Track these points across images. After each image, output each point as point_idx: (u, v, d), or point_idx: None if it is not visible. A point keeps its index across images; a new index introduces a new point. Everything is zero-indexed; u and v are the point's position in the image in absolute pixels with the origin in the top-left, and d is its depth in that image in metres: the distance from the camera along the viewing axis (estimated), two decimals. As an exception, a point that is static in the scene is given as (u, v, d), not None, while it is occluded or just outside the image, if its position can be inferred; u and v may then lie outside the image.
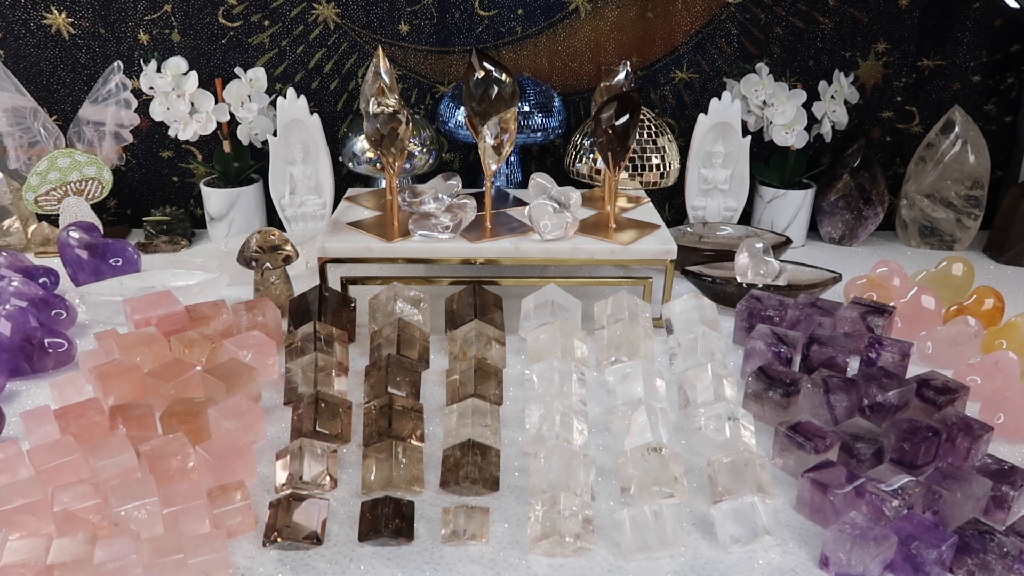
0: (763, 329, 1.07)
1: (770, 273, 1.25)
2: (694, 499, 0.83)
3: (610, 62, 1.53)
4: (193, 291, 1.25)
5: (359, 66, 1.52)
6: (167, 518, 0.74)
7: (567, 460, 0.81)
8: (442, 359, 1.09)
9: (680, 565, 0.74)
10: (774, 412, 0.97)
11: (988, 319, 1.19)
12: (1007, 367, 1.03)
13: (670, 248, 1.15)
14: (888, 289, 1.26)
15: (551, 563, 0.74)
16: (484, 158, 1.10)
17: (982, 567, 0.72)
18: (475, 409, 0.89)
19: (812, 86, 1.53)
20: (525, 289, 1.14)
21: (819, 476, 0.80)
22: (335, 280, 1.17)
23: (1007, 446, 0.95)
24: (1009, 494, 0.79)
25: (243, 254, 1.20)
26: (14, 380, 1.05)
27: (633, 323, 1.05)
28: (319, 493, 0.81)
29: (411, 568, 0.73)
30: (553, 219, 1.13)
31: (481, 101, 1.06)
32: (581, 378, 0.97)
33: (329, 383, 0.96)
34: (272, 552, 0.75)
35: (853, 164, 1.55)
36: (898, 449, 0.87)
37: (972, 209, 1.55)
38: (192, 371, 0.96)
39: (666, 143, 1.39)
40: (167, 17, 1.46)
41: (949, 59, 1.56)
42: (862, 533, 0.71)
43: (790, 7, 1.51)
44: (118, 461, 0.82)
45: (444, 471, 0.84)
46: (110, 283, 1.29)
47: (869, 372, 0.98)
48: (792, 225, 1.56)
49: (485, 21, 1.50)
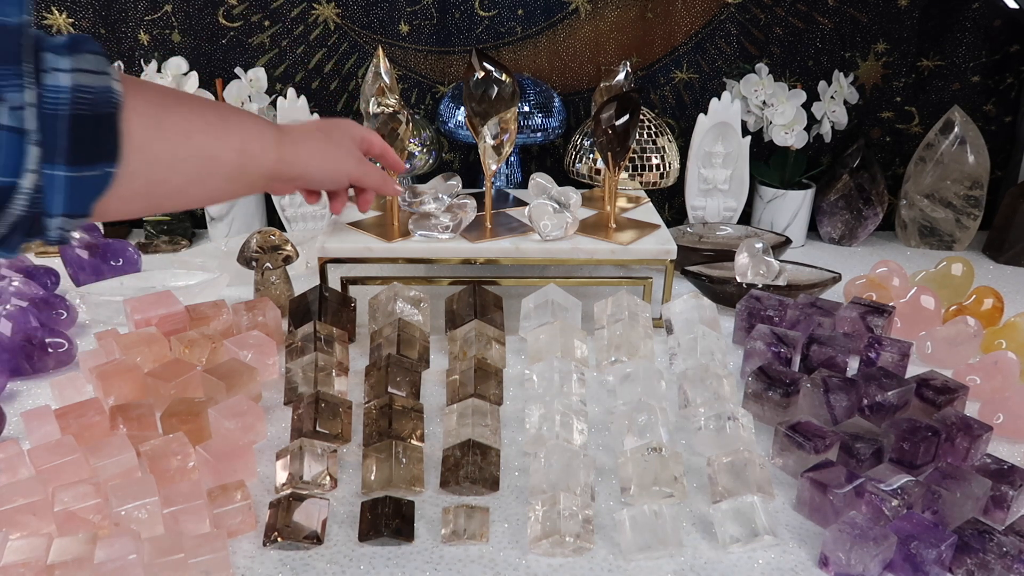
0: (763, 329, 1.07)
1: (770, 273, 1.25)
2: (694, 499, 0.83)
3: (610, 62, 1.53)
4: (193, 291, 1.25)
5: (359, 66, 1.52)
6: (167, 518, 0.74)
7: (567, 460, 0.81)
8: (442, 359, 1.09)
9: (680, 565, 0.74)
10: (774, 412, 0.97)
11: (987, 319, 1.19)
12: (1006, 367, 1.03)
13: (670, 248, 1.15)
14: (888, 289, 1.26)
15: (551, 563, 0.74)
16: (484, 158, 1.10)
17: (981, 567, 0.72)
18: (475, 409, 0.89)
19: (812, 86, 1.53)
20: (525, 289, 1.14)
21: (819, 476, 0.80)
22: (335, 280, 1.17)
23: (1006, 446, 0.95)
24: (1008, 494, 0.80)
25: (243, 254, 1.20)
26: (14, 380, 1.05)
27: (633, 323, 1.05)
28: (319, 493, 0.81)
29: (411, 568, 0.73)
30: (553, 219, 1.13)
31: (481, 101, 1.06)
32: (581, 378, 0.97)
33: (329, 383, 0.96)
34: (272, 552, 0.75)
35: (853, 164, 1.55)
36: (898, 449, 0.87)
37: (971, 209, 1.55)
38: (192, 371, 0.96)
39: (666, 143, 1.40)
40: (167, 17, 1.46)
41: (948, 59, 1.56)
42: (862, 533, 0.71)
43: (790, 7, 1.51)
44: (118, 461, 0.82)
45: (444, 471, 0.84)
46: (110, 283, 1.29)
47: (869, 372, 0.98)
48: (792, 225, 1.56)
49: (485, 21, 1.50)
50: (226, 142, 0.72)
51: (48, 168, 0.55)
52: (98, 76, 0.58)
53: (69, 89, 0.55)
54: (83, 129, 0.56)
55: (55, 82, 0.55)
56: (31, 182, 0.54)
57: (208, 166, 0.71)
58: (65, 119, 0.55)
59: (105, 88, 0.58)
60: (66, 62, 0.56)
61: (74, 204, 0.57)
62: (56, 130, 0.55)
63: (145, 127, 0.62)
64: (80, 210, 0.58)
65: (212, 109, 0.71)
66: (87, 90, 0.56)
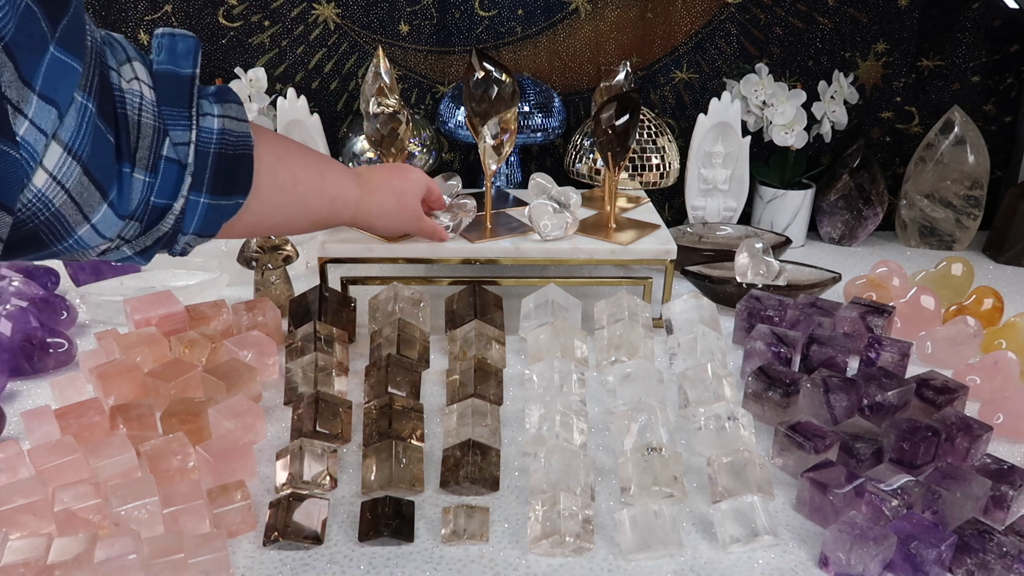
0: (763, 329, 1.07)
1: (770, 273, 1.25)
2: (694, 499, 0.83)
3: (610, 62, 1.53)
4: (193, 291, 1.25)
5: (359, 66, 1.52)
6: (167, 518, 0.74)
7: (567, 460, 0.81)
8: (442, 359, 1.09)
9: (680, 565, 0.74)
10: (774, 412, 0.97)
11: (987, 319, 1.19)
12: (1006, 367, 1.03)
13: (670, 248, 1.15)
14: (888, 289, 1.26)
15: (551, 563, 0.74)
16: (484, 158, 1.10)
17: (981, 567, 0.72)
18: (475, 409, 0.89)
19: (812, 86, 1.53)
20: (525, 289, 1.14)
21: (819, 476, 0.80)
22: (335, 280, 1.17)
23: (1006, 446, 0.95)
24: (1008, 494, 0.80)
25: (243, 254, 1.20)
26: (15, 380, 1.05)
27: (633, 323, 1.05)
28: (319, 493, 0.81)
29: (411, 568, 0.73)
30: (553, 219, 1.13)
31: (481, 101, 1.06)
32: (581, 378, 0.97)
33: (329, 383, 0.96)
34: (272, 552, 0.75)
35: (853, 164, 1.55)
36: (897, 449, 0.87)
37: (971, 209, 1.55)
38: (192, 371, 0.96)
39: (666, 143, 1.40)
40: (167, 17, 1.46)
41: (948, 59, 1.56)
42: (862, 533, 0.71)
43: (790, 7, 1.51)
44: (118, 461, 0.82)
45: (444, 471, 0.84)
46: (110, 283, 1.29)
47: (869, 372, 0.98)
48: (792, 225, 1.56)
49: (485, 21, 1.50)
50: (320, 195, 0.87)
51: (195, 195, 0.68)
52: (239, 123, 0.71)
53: (217, 131, 0.68)
54: (224, 165, 0.69)
55: (208, 125, 0.68)
56: (182, 206, 0.66)
57: (303, 211, 0.86)
58: (212, 156, 0.68)
59: (244, 133, 0.71)
60: (216, 108, 0.69)
61: (205, 226, 0.71)
62: (204, 164, 0.67)
63: (264, 172, 0.75)
64: (209, 231, 0.72)
65: (314, 163, 0.86)
66: (230, 133, 0.69)
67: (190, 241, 0.72)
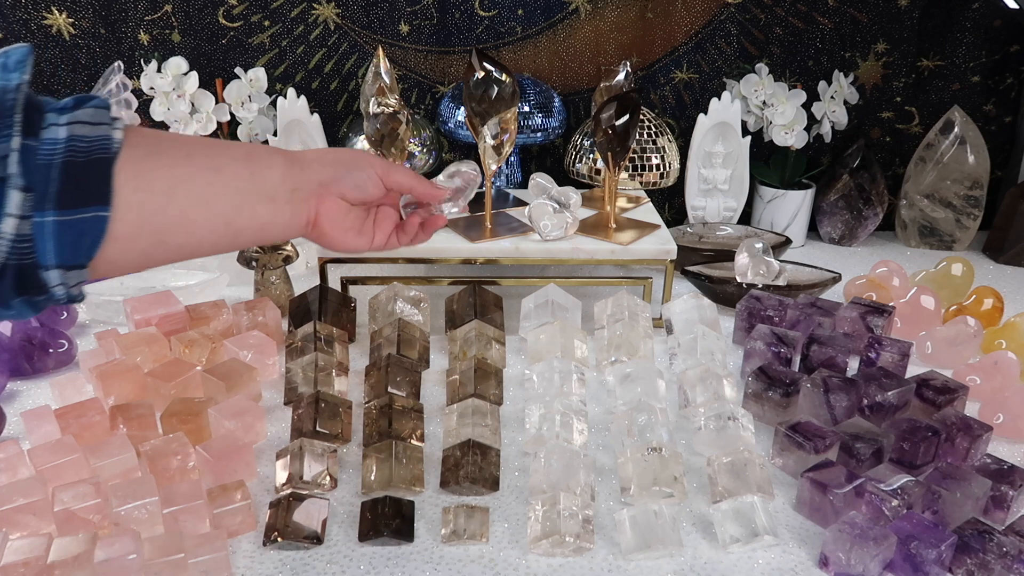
0: (763, 329, 1.07)
1: (770, 273, 1.25)
2: (694, 499, 0.83)
3: (610, 62, 1.53)
4: (193, 291, 1.25)
5: (359, 66, 1.52)
6: (167, 518, 0.74)
7: (567, 460, 0.81)
8: (442, 359, 1.09)
9: (680, 565, 0.74)
10: (774, 412, 0.97)
11: (987, 319, 1.19)
12: (1006, 367, 1.03)
13: (670, 248, 1.15)
14: (888, 289, 1.26)
15: (551, 563, 0.74)
16: (484, 158, 1.10)
17: (981, 567, 0.72)
18: (475, 409, 0.89)
19: (812, 86, 1.53)
20: (525, 289, 1.14)
21: (819, 476, 0.80)
22: (335, 280, 1.17)
23: (1006, 446, 0.95)
24: (1008, 494, 0.80)
25: (243, 254, 1.20)
26: (15, 380, 1.05)
27: (633, 323, 1.05)
28: (319, 493, 0.81)
29: (411, 568, 0.73)
30: (553, 219, 1.13)
31: (481, 101, 1.06)
32: (581, 378, 0.97)
33: (329, 383, 0.96)
34: (272, 552, 0.75)
35: (853, 164, 1.55)
36: (897, 449, 0.87)
37: (971, 209, 1.55)
38: (192, 371, 0.96)
39: (666, 143, 1.40)
40: (167, 17, 1.46)
41: (948, 59, 1.56)
42: (862, 533, 0.71)
43: (790, 7, 1.51)
44: (118, 461, 0.82)
45: (444, 471, 0.84)
46: (110, 283, 1.29)
47: (869, 372, 0.98)
48: (792, 225, 1.56)
49: (485, 21, 1.50)
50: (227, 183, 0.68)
51: (39, 216, 0.55)
52: (95, 127, 0.58)
53: (65, 140, 0.56)
54: (73, 174, 0.57)
55: (52, 135, 0.56)
56: (12, 227, 0.54)
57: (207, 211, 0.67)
58: (58, 167, 0.56)
59: (102, 136, 0.58)
60: (64, 118, 0.57)
61: (66, 252, 0.57)
62: (48, 178, 0.55)
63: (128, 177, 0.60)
64: (74, 259, 0.58)
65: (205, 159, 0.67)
66: (82, 139, 0.57)
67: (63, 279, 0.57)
